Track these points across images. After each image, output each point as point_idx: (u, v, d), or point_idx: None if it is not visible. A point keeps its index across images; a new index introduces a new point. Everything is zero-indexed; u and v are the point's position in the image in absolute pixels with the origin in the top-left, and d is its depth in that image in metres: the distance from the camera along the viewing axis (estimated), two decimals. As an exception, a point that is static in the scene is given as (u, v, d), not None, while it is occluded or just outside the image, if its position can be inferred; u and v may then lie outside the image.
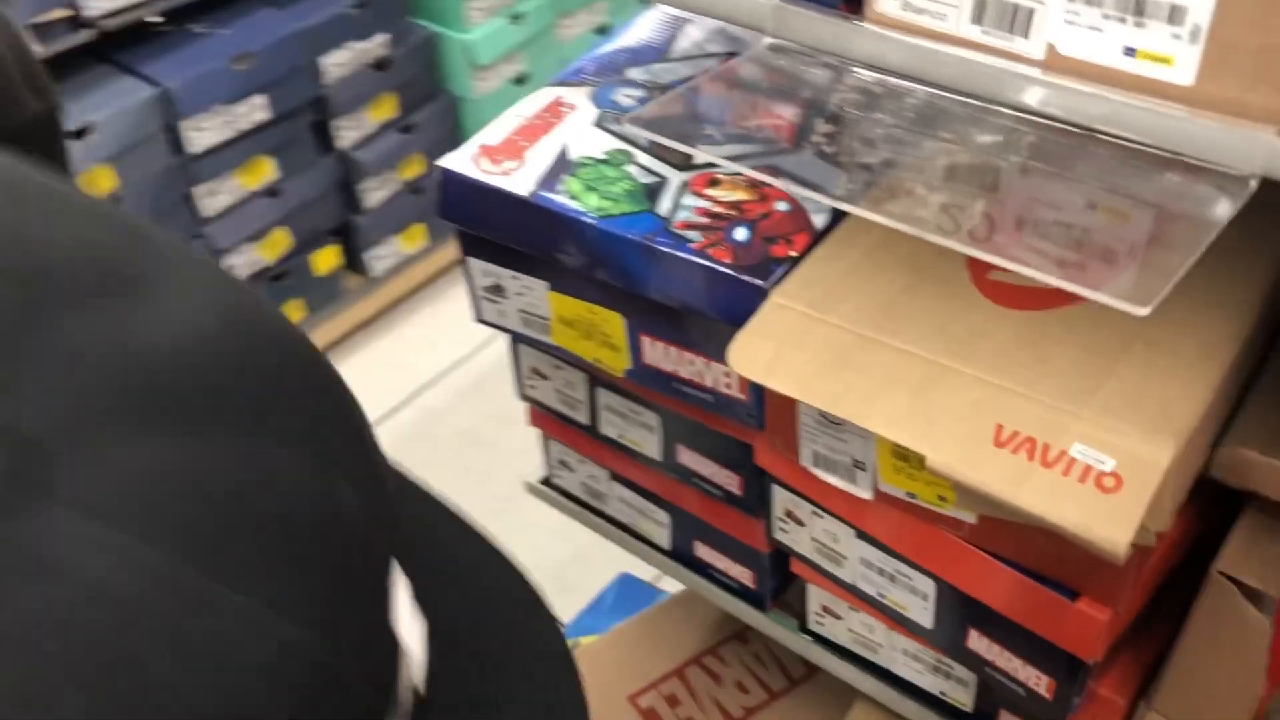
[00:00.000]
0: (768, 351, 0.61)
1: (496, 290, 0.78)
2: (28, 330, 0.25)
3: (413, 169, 2.22)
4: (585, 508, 0.96)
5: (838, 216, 0.68)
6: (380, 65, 2.12)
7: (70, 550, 0.24)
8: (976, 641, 0.69)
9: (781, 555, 0.82)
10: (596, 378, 0.82)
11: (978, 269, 0.63)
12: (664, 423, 0.80)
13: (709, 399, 0.72)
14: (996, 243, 0.55)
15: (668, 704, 1.00)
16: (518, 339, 0.84)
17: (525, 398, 0.90)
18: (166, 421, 0.26)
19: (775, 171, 0.63)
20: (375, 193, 2.19)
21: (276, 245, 2.08)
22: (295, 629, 0.26)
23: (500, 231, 0.73)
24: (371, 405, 2.07)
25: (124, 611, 0.24)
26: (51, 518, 0.24)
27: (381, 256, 2.26)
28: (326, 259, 2.18)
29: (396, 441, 2.09)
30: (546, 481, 0.98)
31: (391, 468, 0.36)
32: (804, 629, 0.85)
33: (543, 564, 1.92)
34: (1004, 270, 0.63)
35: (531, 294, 0.75)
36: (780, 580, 0.85)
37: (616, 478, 0.91)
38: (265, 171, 2.01)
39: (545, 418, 0.90)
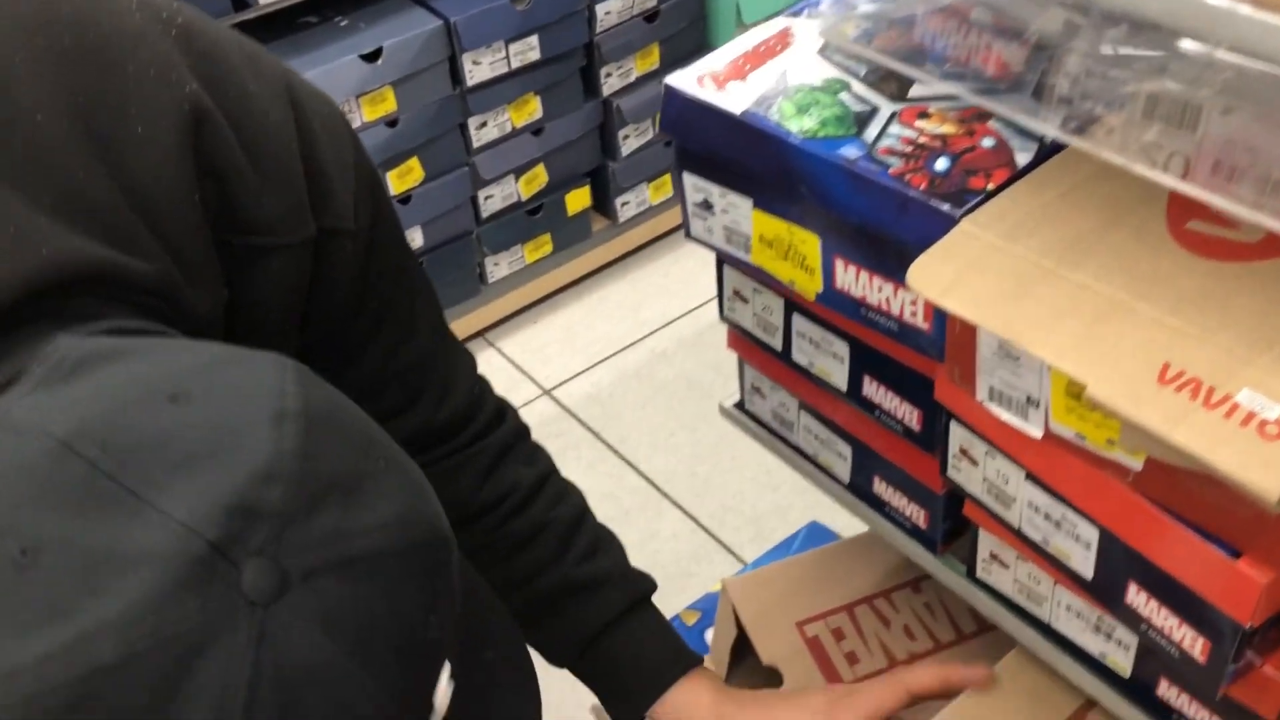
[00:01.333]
0: (948, 274, 0.62)
1: (705, 206, 0.82)
2: (304, 514, 0.45)
3: (669, 120, 2.29)
4: (774, 435, 1.00)
5: (1041, 157, 0.68)
6: (650, 17, 2.19)
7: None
8: (1135, 596, 0.69)
9: (955, 498, 0.83)
10: (793, 303, 0.85)
11: (1176, 217, 0.63)
12: (853, 353, 0.83)
13: (894, 327, 0.74)
14: (1197, 182, 0.55)
15: (833, 636, 1.02)
16: (721, 261, 0.89)
17: (725, 319, 0.94)
18: (363, 574, 0.46)
19: (990, 103, 0.65)
20: (631, 140, 2.28)
21: (534, 181, 2.20)
22: (390, 701, 0.46)
23: (712, 147, 0.77)
24: (602, 342, 2.21)
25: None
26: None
27: (630, 203, 2.35)
28: (578, 200, 2.29)
29: (620, 378, 2.18)
30: (740, 406, 1.03)
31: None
32: (972, 576, 0.86)
33: (742, 510, 1.97)
34: (1203, 220, 0.63)
35: (736, 211, 0.79)
36: (953, 524, 0.86)
37: (804, 407, 0.94)
38: (532, 109, 2.13)
39: (742, 341, 0.94)
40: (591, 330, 2.29)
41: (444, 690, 0.52)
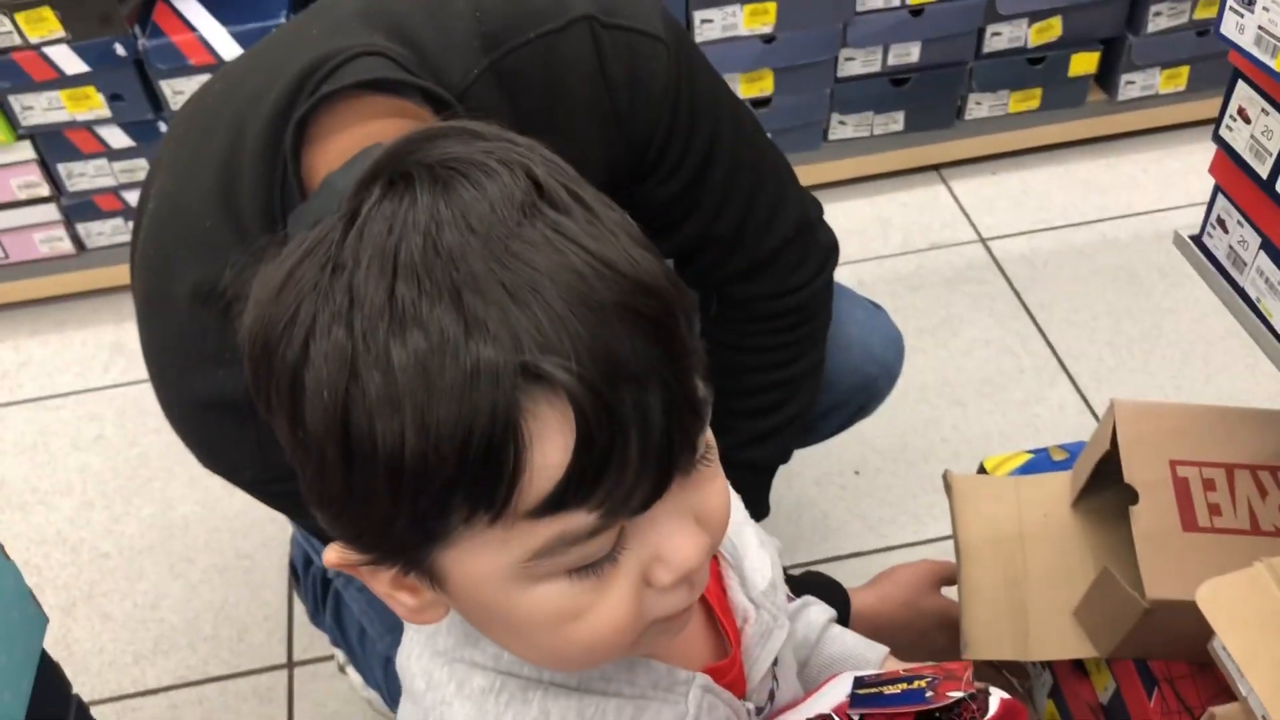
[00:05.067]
0: None
1: (1247, 2, 0.83)
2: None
3: (1207, 9, 2.16)
4: (1222, 274, 1.00)
5: None
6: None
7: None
8: None
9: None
10: (1298, 130, 0.85)
11: None
12: (1343, 190, 0.82)
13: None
14: None
15: (1203, 485, 1.03)
16: (1236, 76, 0.89)
17: (1217, 139, 0.94)
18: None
19: None
20: (1162, 19, 2.17)
21: (1047, 31, 2.16)
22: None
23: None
24: (1055, 211, 2.32)
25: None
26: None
27: (1135, 84, 2.26)
28: (1083, 63, 2.22)
29: (1060, 250, 2.16)
30: (1196, 239, 1.03)
31: None
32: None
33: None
34: None
35: (1277, 10, 0.80)
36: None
37: (1266, 246, 0.93)
38: (1068, -42, 2.07)
39: (1226, 165, 0.95)
40: (1048, 197, 2.26)
41: None
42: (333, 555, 0.52)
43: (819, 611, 0.84)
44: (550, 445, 0.45)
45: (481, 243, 0.45)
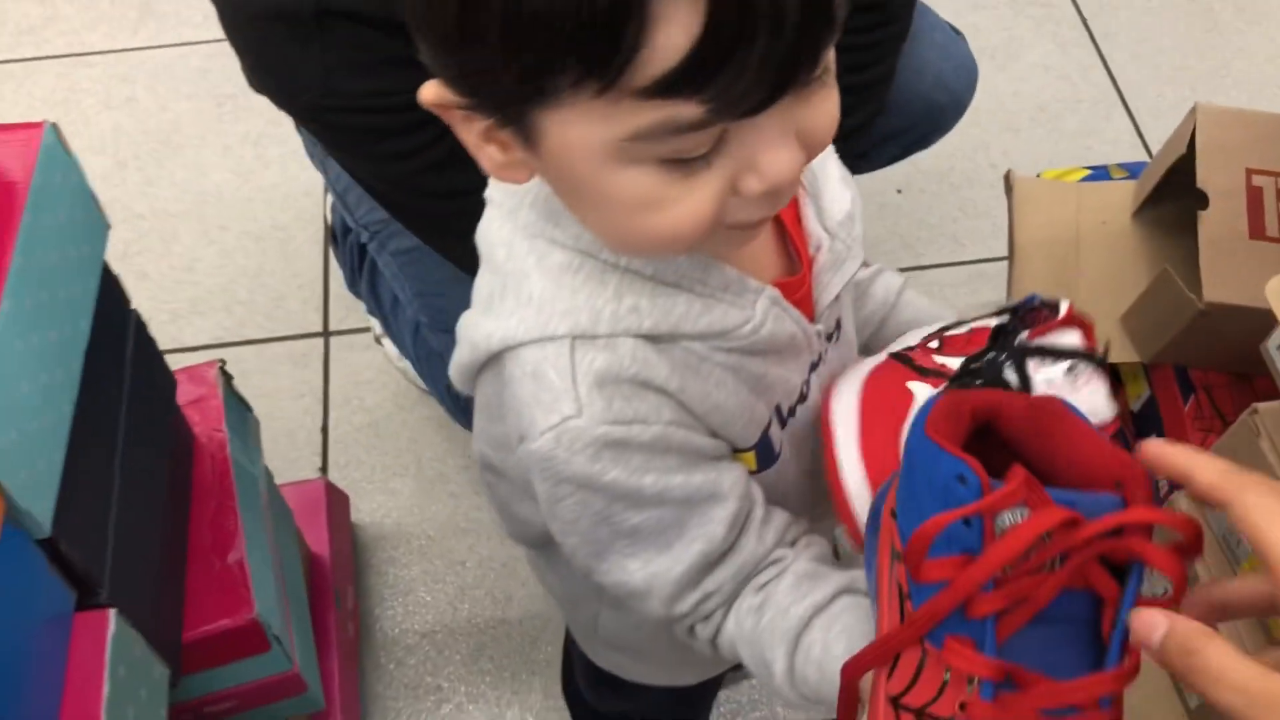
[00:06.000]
0: None
1: None
2: None
3: None
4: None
5: None
6: None
7: None
8: None
9: None
10: None
11: None
12: None
13: None
14: None
15: (1276, 195, 1.01)
16: None
17: None
18: None
19: None
20: None
21: None
22: None
23: None
24: None
25: None
26: None
27: None
28: None
29: (1137, -22, 2.04)
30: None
31: None
32: None
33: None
34: None
35: None
36: None
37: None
38: None
39: None
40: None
41: None
42: (430, 92, 0.51)
43: (893, 276, 0.84)
44: (675, 25, 0.43)
45: None
